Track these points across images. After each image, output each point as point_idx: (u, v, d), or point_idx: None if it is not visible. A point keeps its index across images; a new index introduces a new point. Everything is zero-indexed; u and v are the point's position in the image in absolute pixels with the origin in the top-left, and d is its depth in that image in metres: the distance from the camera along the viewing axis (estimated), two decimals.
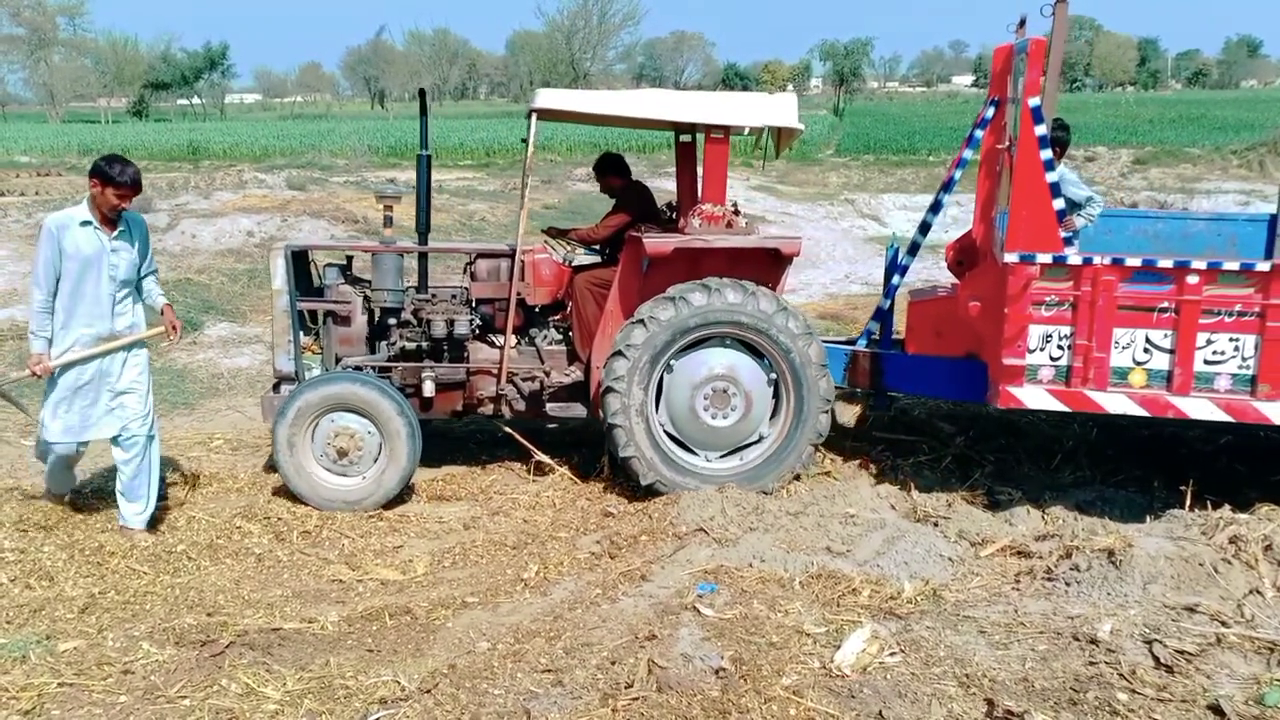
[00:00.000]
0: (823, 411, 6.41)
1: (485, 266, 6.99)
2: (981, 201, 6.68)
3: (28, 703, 3.88)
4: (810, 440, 6.43)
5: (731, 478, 6.38)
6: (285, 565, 5.62)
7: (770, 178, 28.82)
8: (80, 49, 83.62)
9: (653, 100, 6.80)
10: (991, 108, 6.57)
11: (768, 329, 6.30)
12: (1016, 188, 5.87)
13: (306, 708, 3.89)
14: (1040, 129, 5.76)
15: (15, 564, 5.37)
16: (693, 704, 3.75)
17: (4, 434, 7.83)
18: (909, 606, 4.68)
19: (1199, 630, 4.12)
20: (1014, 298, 5.80)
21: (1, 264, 14.17)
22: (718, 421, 6.43)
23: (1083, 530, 5.54)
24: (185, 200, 19.92)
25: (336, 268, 6.96)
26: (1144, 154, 31.13)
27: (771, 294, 6.40)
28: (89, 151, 35.87)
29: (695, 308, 6.27)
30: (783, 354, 6.33)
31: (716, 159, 6.53)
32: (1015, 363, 5.88)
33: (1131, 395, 5.83)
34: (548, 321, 7.17)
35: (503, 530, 6.17)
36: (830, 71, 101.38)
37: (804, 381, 6.35)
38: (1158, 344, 5.78)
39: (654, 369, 6.34)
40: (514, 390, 6.86)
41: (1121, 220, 7.69)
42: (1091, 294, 5.74)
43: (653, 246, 6.36)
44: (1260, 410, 5.70)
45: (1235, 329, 5.68)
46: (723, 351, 6.43)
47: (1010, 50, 6.34)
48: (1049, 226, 5.79)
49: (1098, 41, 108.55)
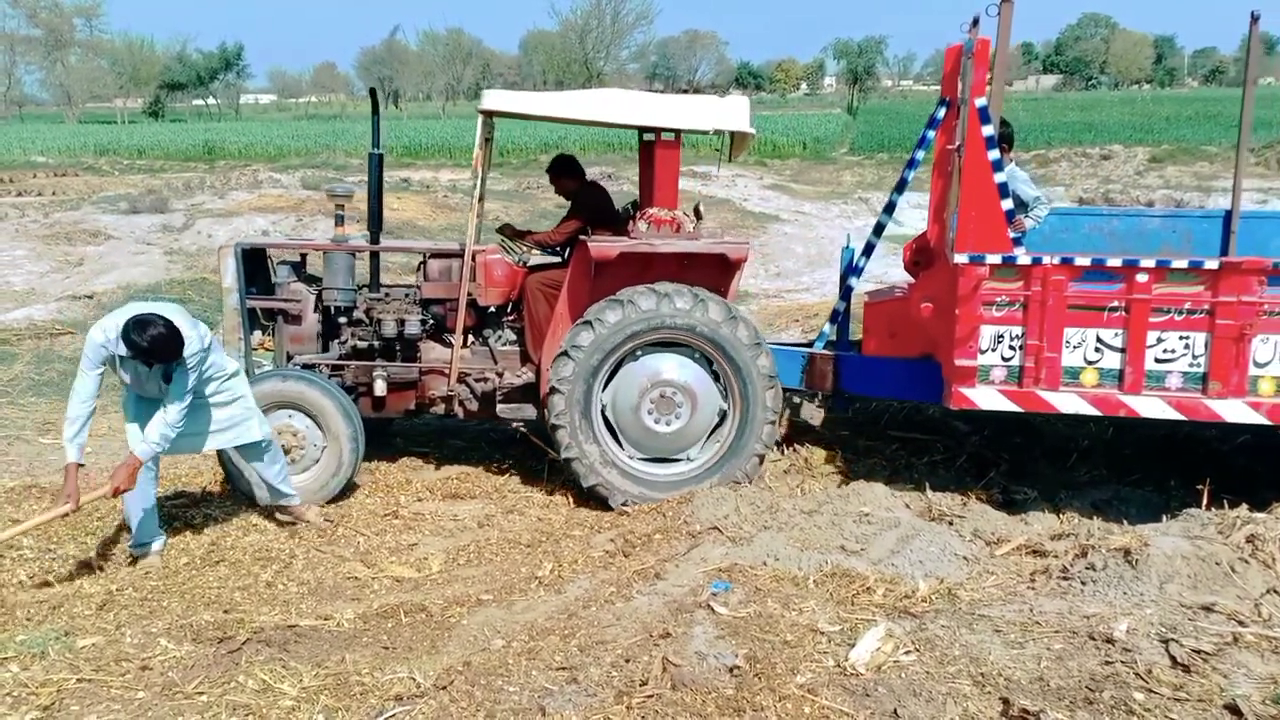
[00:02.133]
0: (768, 422, 6.38)
1: (437, 266, 6.95)
2: (934, 203, 6.63)
3: (47, 698, 3.91)
4: (755, 451, 6.40)
5: (676, 484, 6.38)
6: (301, 563, 5.65)
7: (784, 176, 28.81)
8: (97, 50, 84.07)
9: (602, 102, 6.66)
10: (943, 108, 6.50)
11: (715, 337, 6.27)
12: (965, 188, 5.86)
13: (323, 704, 3.91)
14: (987, 129, 5.75)
15: (34, 561, 5.42)
16: (707, 702, 3.75)
17: (22, 432, 7.90)
18: (924, 605, 4.67)
19: (1216, 629, 4.10)
20: (965, 299, 5.81)
21: (19, 264, 14.26)
22: (661, 427, 6.40)
23: (1098, 529, 5.51)
24: (201, 200, 20.02)
25: (289, 265, 6.99)
26: (1160, 152, 30.99)
27: (722, 302, 6.35)
28: (105, 152, 36.14)
29: (643, 312, 6.24)
30: (730, 363, 6.30)
31: (667, 162, 6.48)
32: (967, 364, 5.88)
33: (1084, 395, 5.84)
34: (501, 322, 7.11)
35: (517, 528, 6.19)
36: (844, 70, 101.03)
37: (751, 392, 6.32)
38: (1109, 343, 5.79)
39: (600, 371, 6.32)
40: (465, 390, 6.82)
41: (1076, 218, 7.63)
42: (1042, 294, 5.75)
43: (598, 250, 6.33)
44: (1212, 408, 5.72)
45: (1186, 327, 5.69)
46: (670, 358, 6.40)
47: (960, 51, 6.30)
48: (998, 227, 5.79)
49: (1114, 39, 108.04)
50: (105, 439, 7.85)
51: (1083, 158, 30.78)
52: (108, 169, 31.10)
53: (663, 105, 6.52)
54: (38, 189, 24.21)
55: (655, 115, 6.43)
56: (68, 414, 5.22)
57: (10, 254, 14.72)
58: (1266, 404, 5.70)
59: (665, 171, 6.49)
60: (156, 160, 34.94)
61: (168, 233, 16.54)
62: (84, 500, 5.23)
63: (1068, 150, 32.12)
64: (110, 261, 14.22)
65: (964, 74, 6.01)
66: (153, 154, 36.69)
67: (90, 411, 5.25)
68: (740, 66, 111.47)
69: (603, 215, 7.05)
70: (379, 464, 7.13)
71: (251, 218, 17.27)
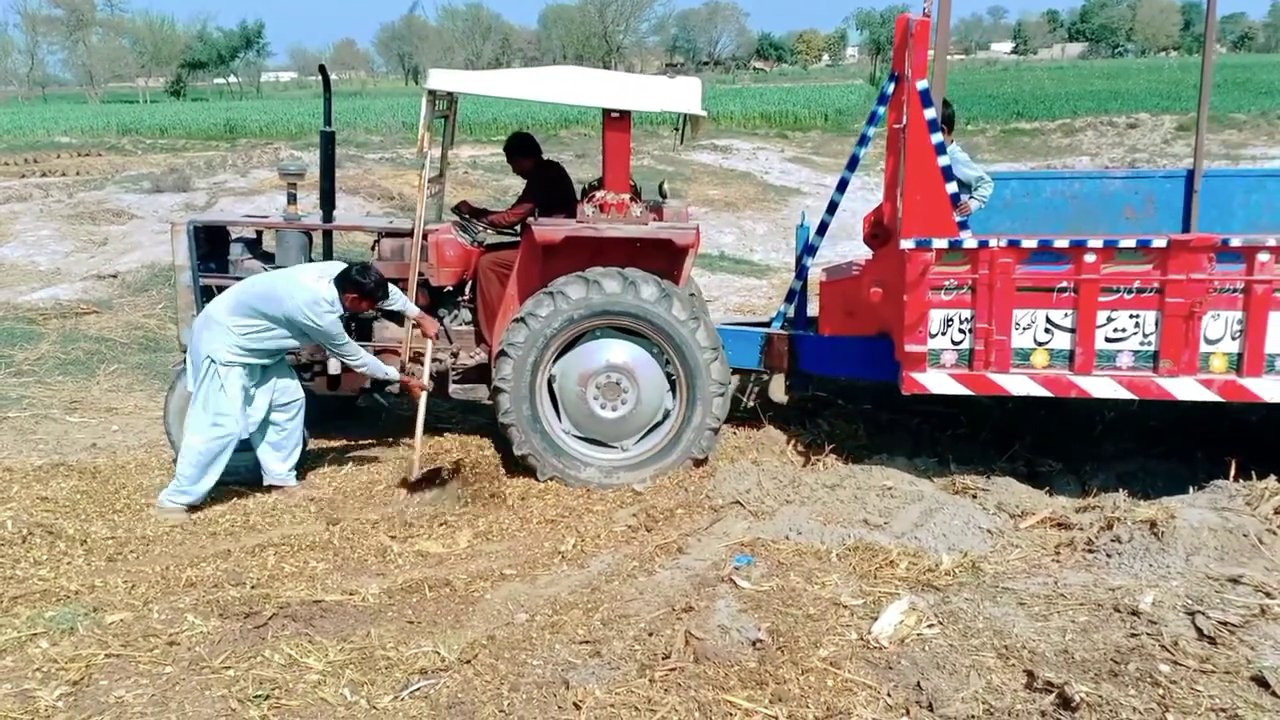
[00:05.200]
0: (717, 395, 6.31)
1: (390, 245, 6.88)
2: (888, 179, 6.54)
3: (76, 673, 3.96)
4: (708, 425, 6.34)
5: (632, 465, 6.36)
6: (326, 538, 5.68)
7: (806, 149, 28.61)
8: (118, 29, 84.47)
9: (551, 80, 6.57)
10: (892, 83, 6.38)
11: (649, 316, 6.20)
12: (909, 172, 5.79)
13: (348, 678, 3.94)
14: (929, 112, 5.66)
15: (64, 538, 5.47)
16: (730, 675, 3.76)
17: (49, 411, 7.97)
18: (947, 579, 4.66)
19: (1243, 601, 4.07)
20: (913, 284, 5.77)
21: (44, 243, 14.37)
22: (607, 413, 6.35)
23: (1124, 502, 5.47)
24: (223, 179, 20.07)
25: (243, 243, 6.96)
26: (1188, 120, 30.49)
27: (655, 280, 6.25)
28: (128, 131, 36.25)
29: (574, 301, 6.18)
30: (668, 340, 6.24)
31: (617, 142, 6.36)
32: (917, 349, 5.85)
33: (1034, 376, 5.81)
34: (457, 302, 7.05)
35: (540, 505, 6.20)
36: (866, 40, 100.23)
37: (694, 366, 6.25)
38: (1058, 323, 5.74)
39: (540, 365, 6.28)
40: (418, 370, 6.75)
41: (1038, 183, 7.50)
42: (990, 276, 5.70)
43: (542, 234, 6.27)
44: (1163, 386, 5.66)
45: (1135, 306, 5.63)
46: (612, 343, 6.35)
47: (907, 22, 6.17)
48: (943, 210, 5.71)
49: (1140, 6, 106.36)
50: (131, 417, 7.92)
51: (1109, 126, 30.40)
52: (130, 148, 31.22)
53: (611, 84, 6.46)
54: (61, 169, 24.35)
55: (603, 95, 6.33)
56: (365, 362, 6.12)
57: (36, 234, 14.82)
58: (1218, 380, 5.64)
59: (615, 151, 6.37)
60: (179, 139, 35.05)
61: (190, 211, 16.59)
62: (425, 378, 6.41)
63: (1094, 119, 31.70)
64: (134, 241, 14.29)
65: (908, 52, 5.92)
66: (175, 133, 36.79)
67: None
68: (761, 38, 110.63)
69: (558, 196, 6.97)
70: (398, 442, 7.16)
71: (273, 195, 17.29)
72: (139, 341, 9.98)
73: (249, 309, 5.84)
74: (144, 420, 7.77)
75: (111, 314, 10.70)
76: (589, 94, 6.46)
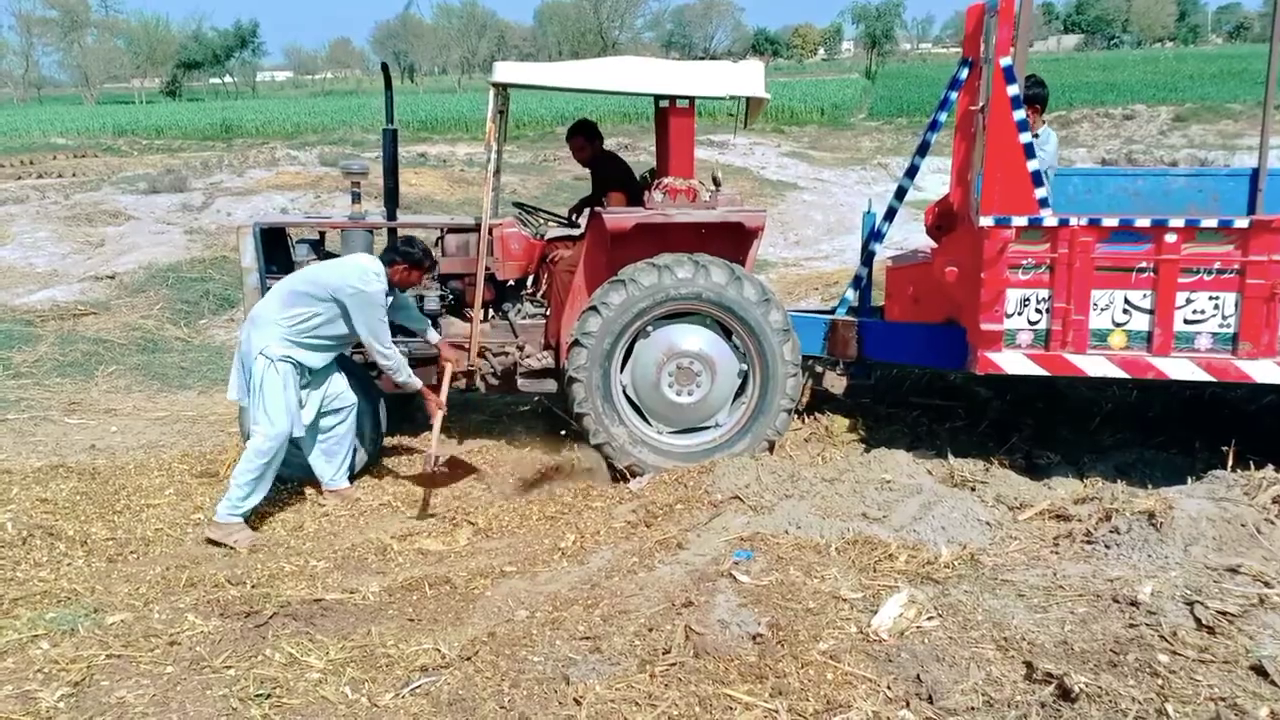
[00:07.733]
0: (790, 375, 6.34)
1: (454, 241, 6.93)
2: (957, 165, 6.53)
3: (77, 674, 3.96)
4: (782, 407, 6.37)
5: (706, 451, 6.37)
6: (328, 535, 5.69)
7: (802, 143, 28.62)
8: (113, 30, 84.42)
9: (615, 70, 6.58)
10: (965, 69, 6.41)
11: (722, 300, 6.23)
12: (990, 149, 5.77)
13: (349, 676, 3.95)
14: (1013, 89, 5.65)
15: (64, 539, 5.47)
16: (730, 669, 3.77)
17: (48, 413, 7.98)
18: (946, 571, 4.66)
19: (1241, 591, 4.07)
20: (990, 262, 5.74)
21: (41, 245, 14.36)
22: (682, 398, 6.39)
23: (1122, 492, 5.47)
24: (220, 179, 20.07)
25: (308, 243, 6.99)
26: (1184, 111, 30.58)
27: (725, 265, 6.29)
28: (124, 132, 36.25)
29: (645, 288, 6.21)
30: (741, 324, 6.27)
31: (682, 130, 6.43)
32: (993, 328, 5.82)
33: (1111, 357, 5.78)
34: (520, 296, 7.09)
35: (539, 500, 6.21)
36: (862, 34, 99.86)
37: (767, 349, 6.29)
38: (1137, 304, 5.72)
39: (614, 353, 6.30)
40: (486, 365, 6.80)
41: (1100, 179, 7.50)
42: (1068, 256, 5.68)
43: (613, 222, 6.29)
44: (1242, 369, 5.65)
45: (1215, 287, 5.61)
46: (688, 328, 6.38)
47: (982, 10, 6.18)
48: (1024, 188, 5.70)
49: None
50: (130, 418, 7.92)
51: (1105, 118, 30.45)
52: (126, 149, 31.21)
53: (677, 72, 6.47)
54: (58, 171, 24.35)
55: (669, 82, 6.38)
56: (394, 358, 6.01)
57: (33, 235, 14.81)
58: None
59: (680, 139, 6.44)
60: (174, 140, 35.08)
61: (187, 212, 16.61)
62: (442, 397, 6.23)
63: (1090, 111, 31.77)
64: (131, 242, 14.29)
65: (988, 33, 5.92)
66: (171, 133, 36.83)
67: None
68: (757, 33, 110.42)
69: (624, 185, 7.02)
70: (400, 439, 7.17)
71: (270, 195, 17.31)
72: (137, 342, 9.99)
73: (295, 296, 5.80)
74: (143, 421, 7.78)
75: (109, 315, 10.70)
76: (653, 82, 6.49)
